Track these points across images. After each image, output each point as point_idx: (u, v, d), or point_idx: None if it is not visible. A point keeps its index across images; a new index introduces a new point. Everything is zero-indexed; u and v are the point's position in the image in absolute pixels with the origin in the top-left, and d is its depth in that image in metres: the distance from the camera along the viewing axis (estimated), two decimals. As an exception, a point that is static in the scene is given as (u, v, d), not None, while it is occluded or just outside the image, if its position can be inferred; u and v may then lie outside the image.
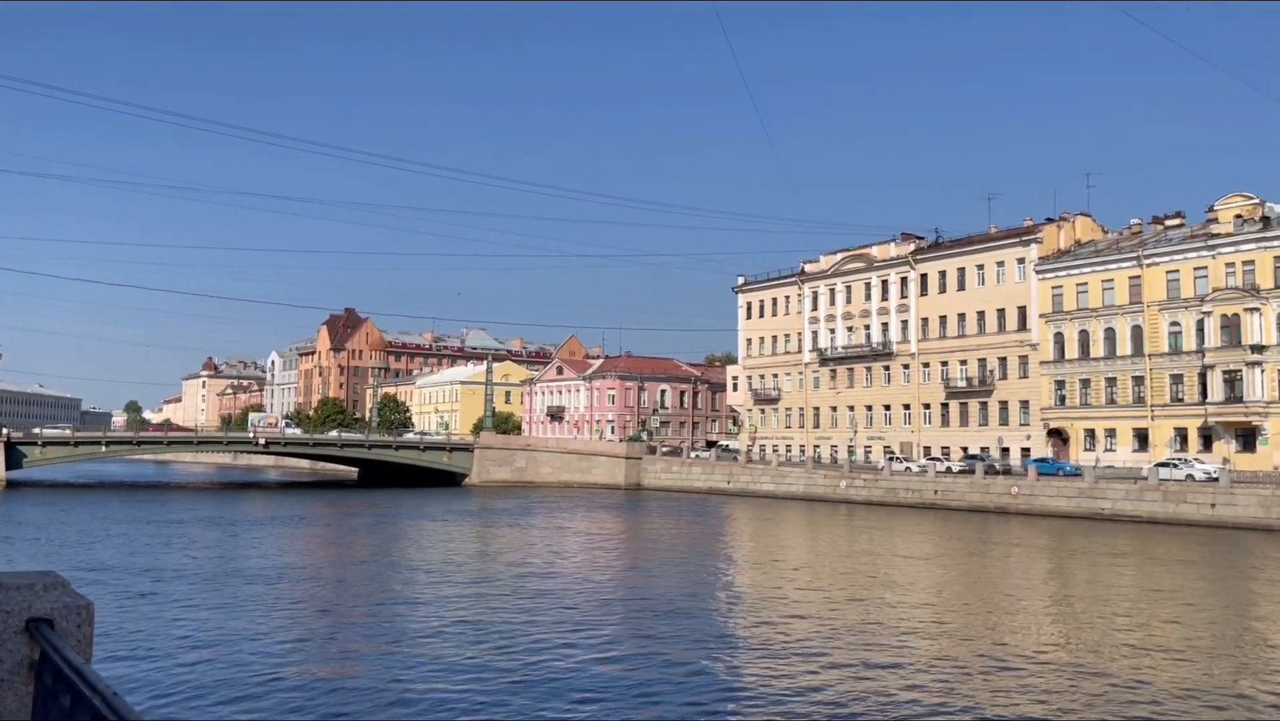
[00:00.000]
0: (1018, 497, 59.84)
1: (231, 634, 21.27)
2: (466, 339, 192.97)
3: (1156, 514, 52.89)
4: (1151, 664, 19.09)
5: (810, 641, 21.07)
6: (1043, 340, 76.94)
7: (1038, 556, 39.79)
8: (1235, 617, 25.18)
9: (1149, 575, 33.49)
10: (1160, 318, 70.07)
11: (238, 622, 22.65)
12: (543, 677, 17.60)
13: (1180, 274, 69.27)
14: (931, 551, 41.16)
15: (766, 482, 77.77)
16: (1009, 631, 22.83)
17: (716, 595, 28.46)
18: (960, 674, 18.11)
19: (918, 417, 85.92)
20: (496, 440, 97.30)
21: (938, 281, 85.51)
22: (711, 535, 49.02)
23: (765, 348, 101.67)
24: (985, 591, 29.99)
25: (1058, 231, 79.30)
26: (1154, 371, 70.08)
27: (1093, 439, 73.33)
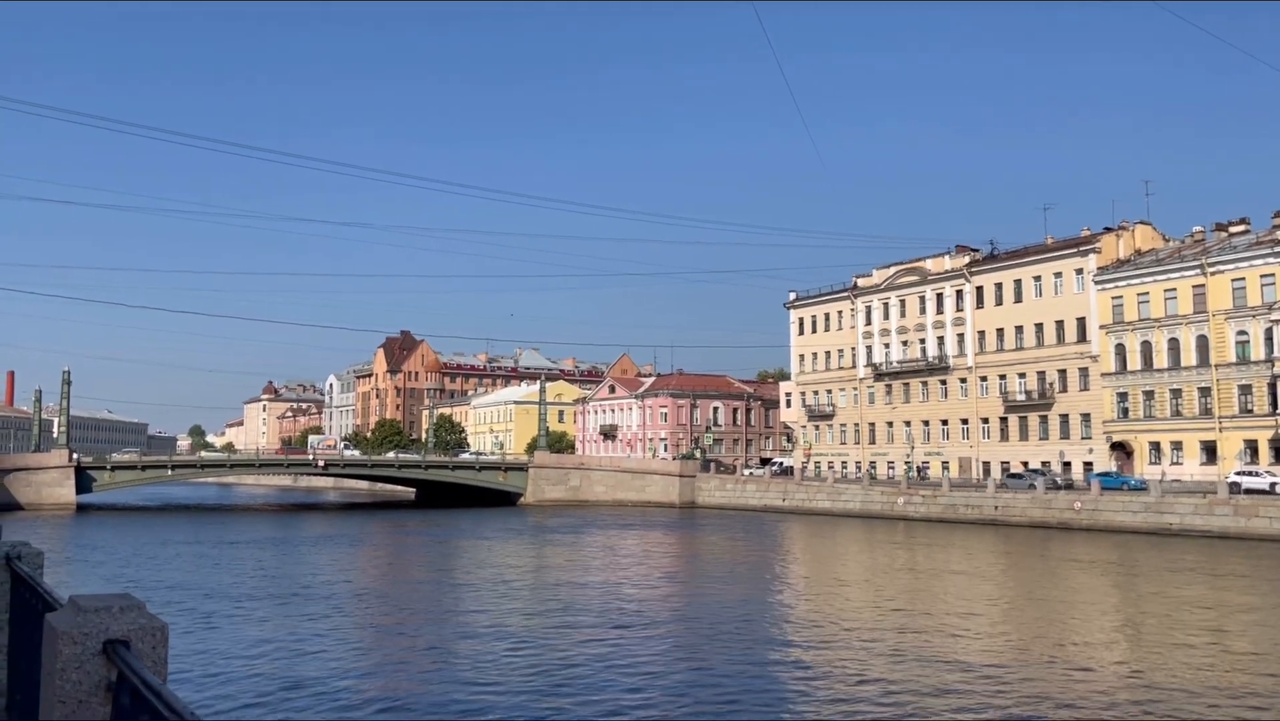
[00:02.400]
0: (1080, 513, 58.62)
1: (297, 652, 21.66)
2: (520, 359, 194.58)
3: (1228, 528, 51.44)
4: (1215, 679, 18.60)
5: (868, 659, 20.87)
6: (1103, 351, 75.46)
7: (1103, 572, 38.92)
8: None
9: (1218, 591, 32.60)
10: (1226, 326, 68.38)
11: (303, 642, 23.05)
12: (594, 696, 17.66)
13: (1246, 281, 67.60)
14: (992, 567, 40.49)
15: (822, 500, 77.10)
16: (1071, 647, 22.38)
17: (772, 614, 28.29)
18: (1024, 692, 17.81)
19: (976, 432, 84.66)
20: (551, 459, 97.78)
21: (994, 294, 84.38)
22: (767, 553, 48.73)
23: (818, 363, 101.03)
24: (1048, 608, 29.43)
25: (1116, 241, 77.89)
26: (1221, 382, 68.35)
27: (1158, 452, 71.64)
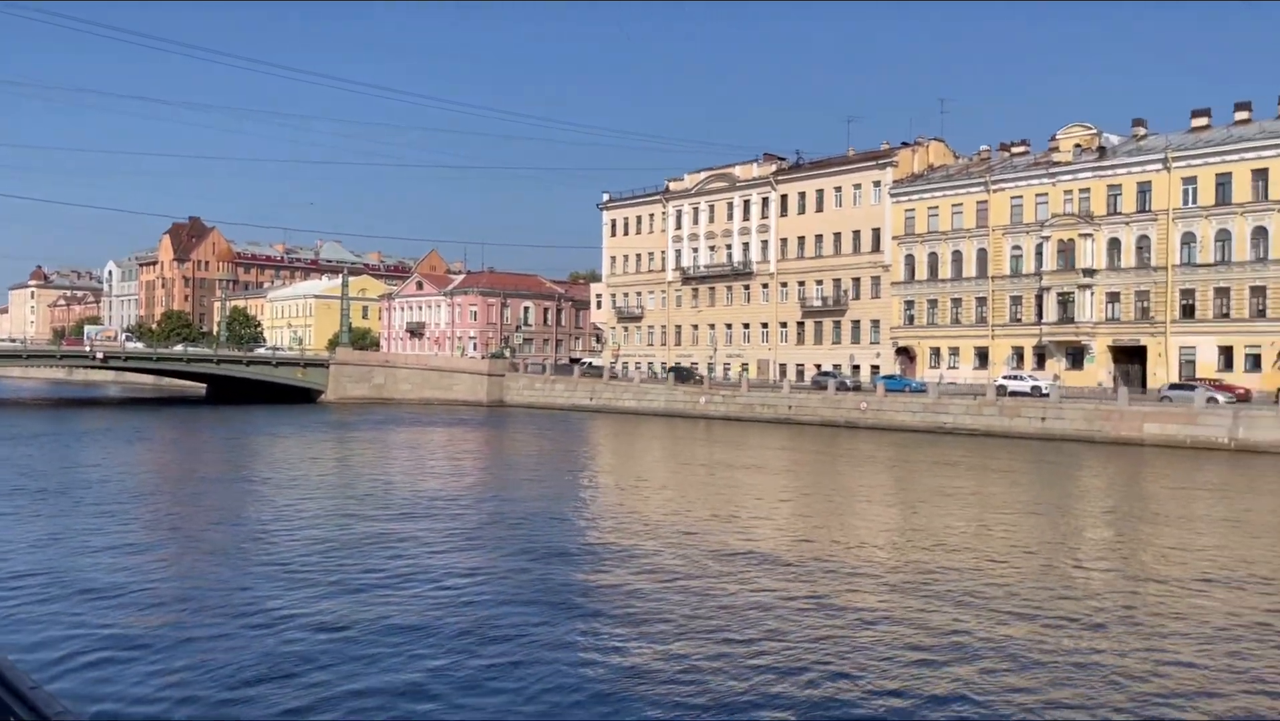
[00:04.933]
0: (866, 413, 62.45)
1: (70, 550, 20.27)
2: (321, 251, 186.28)
3: (994, 427, 56.15)
4: (974, 559, 20.40)
5: (659, 549, 21.59)
6: (895, 261, 79.68)
7: (882, 466, 41.75)
8: (1053, 517, 27.13)
9: (982, 483, 35.63)
10: (1004, 241, 73.46)
11: (77, 539, 21.58)
12: (393, 593, 17.48)
13: (1023, 200, 72.59)
14: (783, 463, 42.65)
15: (629, 399, 78.72)
16: (851, 534, 23.95)
17: (576, 508, 28.78)
18: (802, 573, 18.93)
19: (775, 336, 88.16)
20: (354, 356, 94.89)
21: (797, 202, 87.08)
22: (573, 450, 49.43)
23: (629, 265, 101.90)
24: (831, 499, 31.35)
25: (912, 156, 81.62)
26: (996, 293, 73.69)
27: (937, 356, 76.93)
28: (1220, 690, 12.44)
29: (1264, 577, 19.14)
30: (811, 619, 15.64)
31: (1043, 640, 14.57)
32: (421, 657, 13.39)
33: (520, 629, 14.79)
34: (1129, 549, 22.99)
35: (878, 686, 12.46)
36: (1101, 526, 26.65)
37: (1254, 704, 12.00)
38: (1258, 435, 47.03)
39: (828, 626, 15.23)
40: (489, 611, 15.86)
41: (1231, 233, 62.99)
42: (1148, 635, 14.93)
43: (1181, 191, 65.07)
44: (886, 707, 11.76)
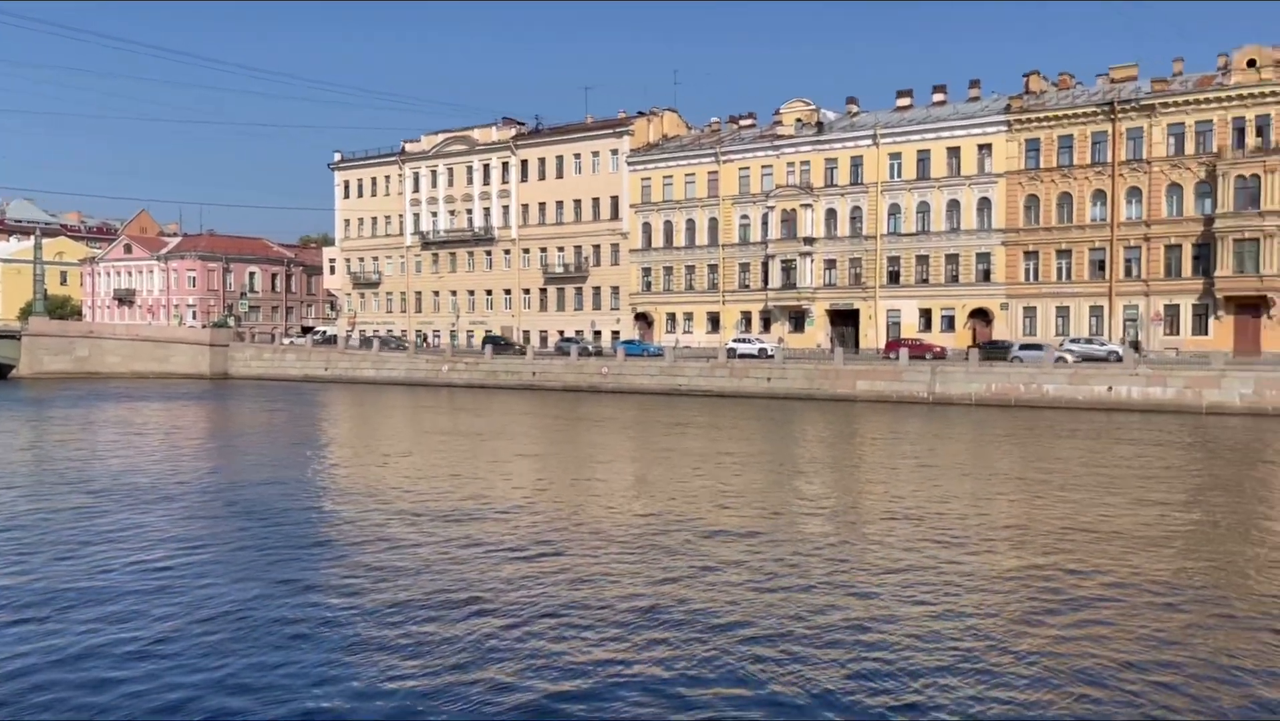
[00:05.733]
0: (608, 377, 63.71)
1: None
2: (8, 210, 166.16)
3: (725, 388, 58.93)
4: (704, 509, 21.29)
5: (389, 518, 20.97)
6: (632, 229, 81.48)
7: (621, 427, 42.73)
8: (774, 468, 28.84)
9: (712, 441, 37.25)
10: (733, 211, 76.90)
11: None
12: (98, 579, 15.87)
13: (750, 171, 76.21)
14: (526, 428, 42.68)
15: (367, 369, 76.10)
16: (583, 494, 24.30)
17: (304, 483, 27.37)
18: (540, 534, 18.99)
19: (518, 302, 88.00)
20: (52, 326, 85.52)
21: (538, 168, 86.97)
22: (305, 422, 47.08)
23: (365, 229, 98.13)
24: (570, 460, 31.70)
25: (648, 125, 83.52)
26: (726, 260, 77.11)
27: (673, 322, 79.68)
28: (894, 613, 13.60)
29: (939, 514, 21.17)
30: (549, 578, 15.66)
31: (760, 580, 15.35)
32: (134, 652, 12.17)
33: (241, 606, 13.81)
34: (841, 492, 24.79)
35: (601, 638, 12.63)
36: (816, 473, 28.58)
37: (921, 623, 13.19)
38: (950, 389, 52.18)
39: (563, 585, 15.30)
40: (202, 592, 14.71)
41: (930, 205, 69.17)
42: (854, 569, 16.11)
43: (888, 166, 70.64)
44: (608, 659, 11.93)
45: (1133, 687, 10.86)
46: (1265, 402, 44.30)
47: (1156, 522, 20.29)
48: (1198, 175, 60.07)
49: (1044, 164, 65.06)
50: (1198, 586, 15.22)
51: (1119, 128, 62.39)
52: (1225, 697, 10.66)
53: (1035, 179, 65.37)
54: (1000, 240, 66.61)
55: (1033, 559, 17.01)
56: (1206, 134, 60.02)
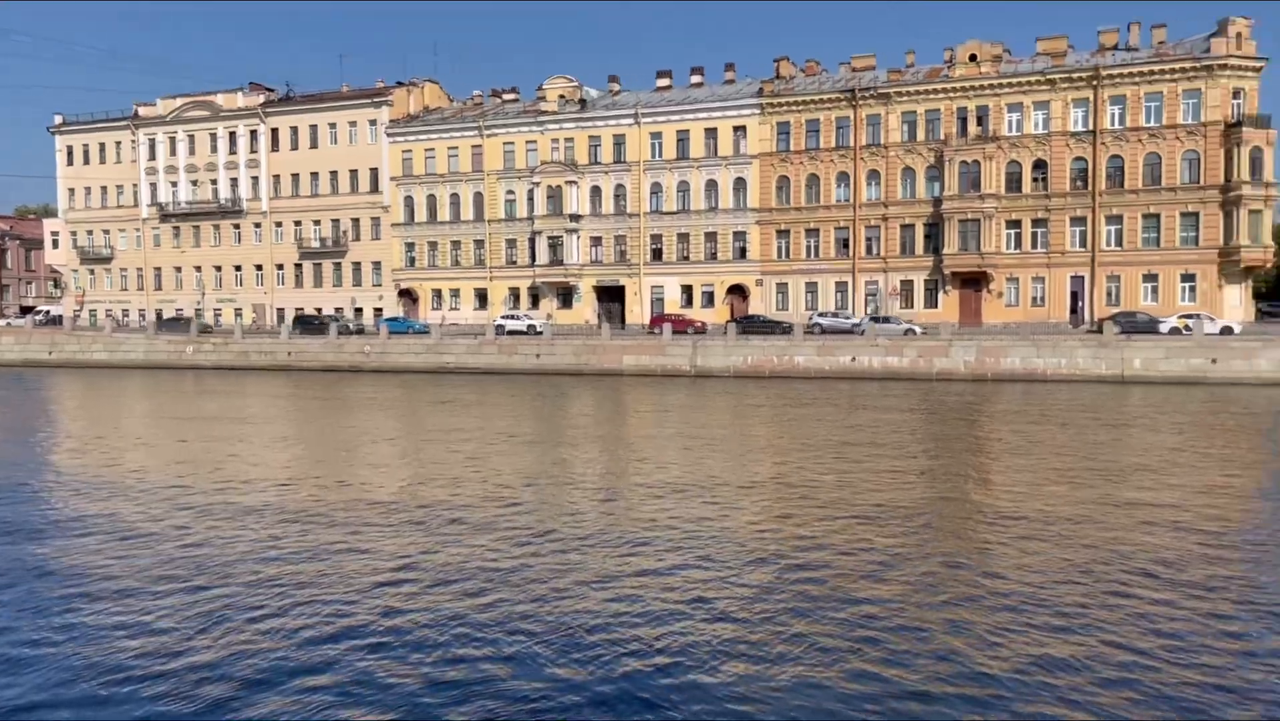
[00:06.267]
0: (370, 356, 61.65)
1: None
2: None
3: (494, 365, 58.45)
4: (467, 489, 21.06)
5: (127, 510, 19.37)
6: (394, 203, 79.01)
7: (385, 408, 41.46)
8: (543, 443, 28.95)
9: (483, 418, 36.88)
10: (498, 186, 76.12)
11: None
12: None
13: (515, 146, 75.64)
14: (280, 411, 40.59)
15: (99, 351, 69.85)
16: (341, 477, 23.41)
17: (22, 478, 24.74)
18: (294, 517, 18.11)
19: (271, 278, 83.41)
20: None
21: (290, 137, 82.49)
22: (23, 412, 42.54)
23: (94, 199, 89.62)
24: (326, 443, 30.42)
25: (408, 96, 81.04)
26: (493, 236, 76.31)
27: (440, 298, 78.12)
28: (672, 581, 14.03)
29: (696, 480, 22.02)
30: (307, 564, 14.95)
31: (525, 556, 15.35)
32: None
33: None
34: (604, 463, 25.19)
35: (363, 621, 12.22)
36: (582, 446, 28.89)
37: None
38: (711, 362, 54.20)
39: (322, 569, 14.65)
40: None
41: (690, 184, 71.28)
42: (625, 540, 16.41)
43: (650, 145, 72.11)
44: (370, 633, 11.57)
45: (852, 630, 11.68)
46: (985, 368, 48.91)
47: (890, 481, 21.93)
48: (928, 160, 65.19)
49: (794, 146, 68.52)
50: (920, 543, 16.59)
51: (860, 114, 66.65)
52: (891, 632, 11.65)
53: (786, 161, 68.74)
54: (755, 219, 69.65)
55: (776, 519, 17.95)
56: (935, 122, 65.19)
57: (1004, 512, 18.48)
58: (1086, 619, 12.15)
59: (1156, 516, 17.90)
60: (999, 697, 9.92)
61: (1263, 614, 12.39)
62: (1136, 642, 11.31)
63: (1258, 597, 13.08)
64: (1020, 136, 63.08)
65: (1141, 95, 60.61)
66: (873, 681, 10.37)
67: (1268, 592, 13.30)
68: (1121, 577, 13.91)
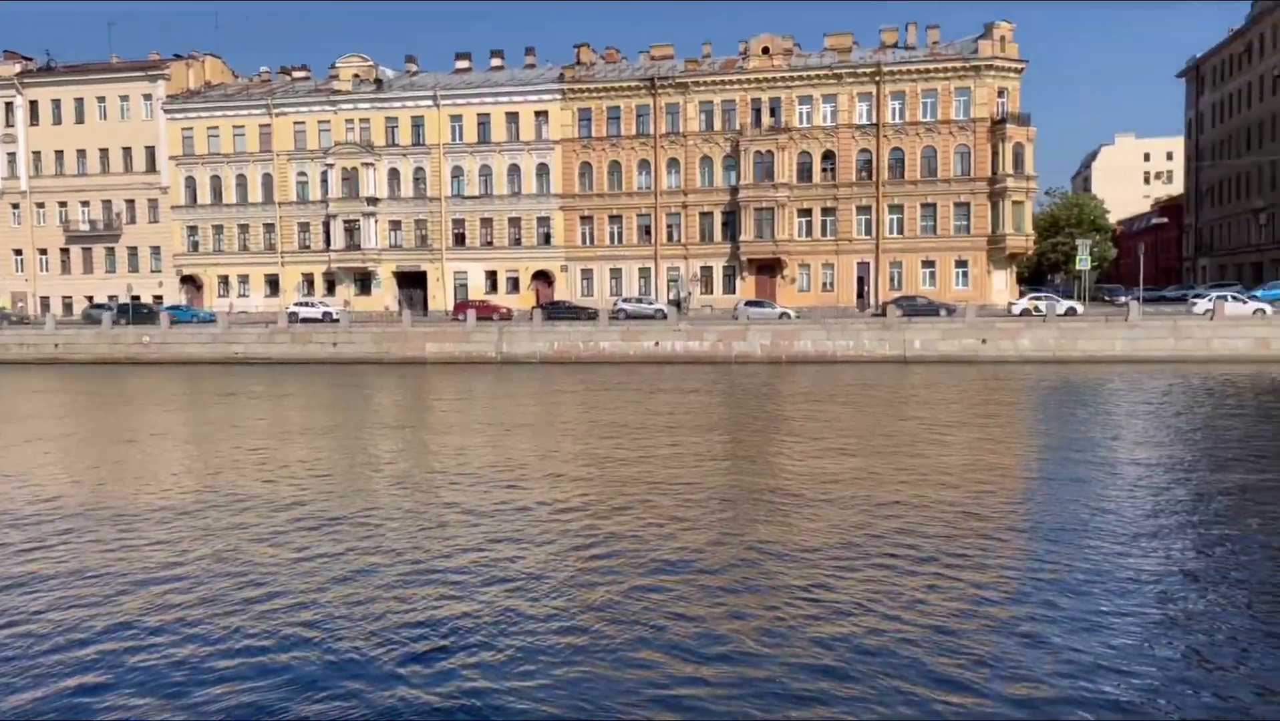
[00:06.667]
0: (150, 346, 57.57)
1: None
2: None
3: (288, 355, 55.78)
4: (257, 478, 19.98)
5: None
6: (174, 184, 74.06)
7: (162, 402, 38.75)
8: (342, 434, 27.85)
9: (277, 409, 35.11)
10: (289, 167, 72.67)
11: None
12: None
13: (307, 126, 72.39)
14: (40, 408, 37.23)
15: None
16: (116, 476, 21.72)
17: None
18: (64, 518, 16.61)
19: (32, 264, 76.45)
20: None
21: (52, 111, 75.75)
22: None
23: None
24: (93, 442, 28.12)
25: (187, 70, 76.09)
26: (284, 219, 72.84)
27: (227, 285, 73.92)
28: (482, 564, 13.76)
29: (502, 467, 21.80)
30: (65, 564, 13.69)
31: (304, 546, 14.67)
32: None
33: None
34: (411, 455, 24.48)
35: (128, 616, 11.31)
36: (382, 437, 28.00)
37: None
38: (517, 348, 53.78)
39: (91, 576, 13.46)
40: None
41: (492, 169, 70.41)
42: (433, 524, 15.95)
43: (450, 128, 70.70)
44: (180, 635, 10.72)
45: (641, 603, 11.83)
46: (780, 351, 50.84)
47: (687, 460, 22.41)
48: (725, 149, 67.04)
49: (595, 133, 68.86)
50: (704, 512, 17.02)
51: (659, 102, 67.71)
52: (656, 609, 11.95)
53: (588, 147, 69.00)
54: (559, 205, 69.60)
55: (576, 501, 17.98)
56: (731, 112, 67.10)
57: (788, 488, 19.20)
58: (859, 595, 12.74)
59: (927, 486, 19.06)
60: (764, 673, 10.22)
61: (1023, 584, 13.37)
62: (901, 614, 11.94)
63: (1016, 568, 14.11)
64: (810, 128, 65.86)
65: (919, 92, 64.52)
66: (643, 668, 10.47)
67: (1025, 562, 14.36)
68: (889, 547, 14.69)
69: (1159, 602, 12.00)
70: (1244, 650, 10.50)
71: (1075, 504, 17.14)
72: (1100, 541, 14.67)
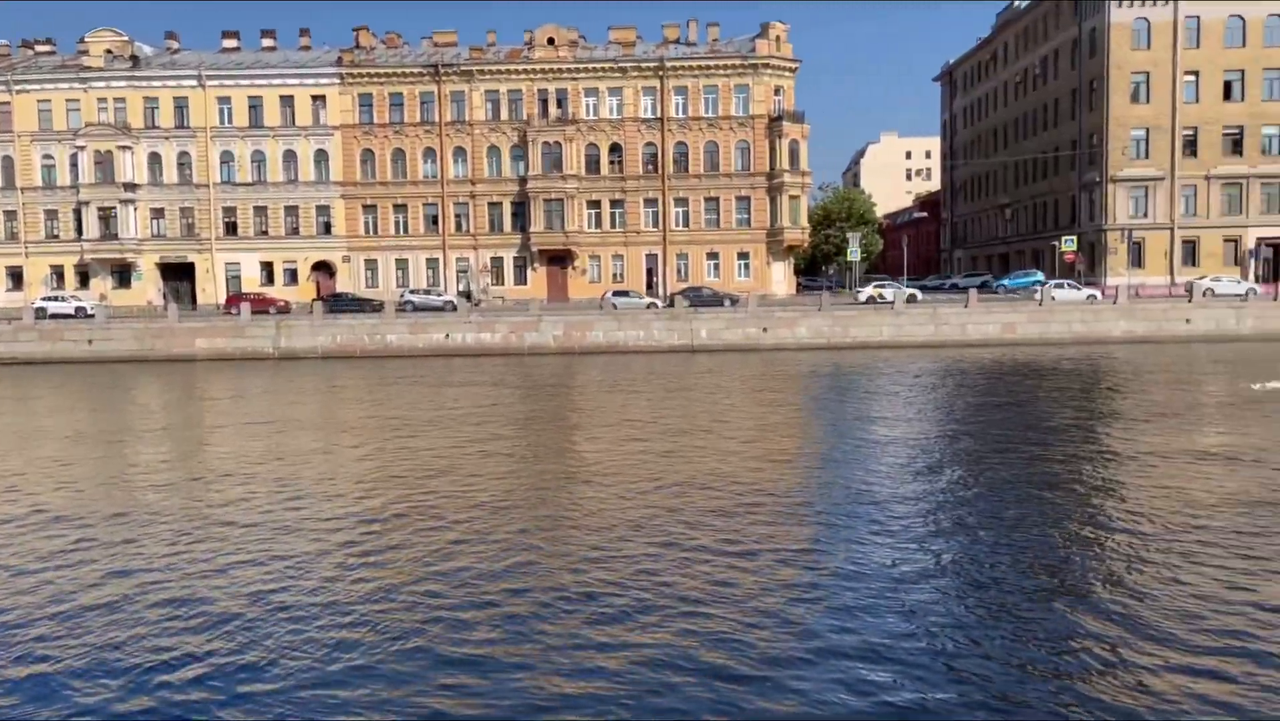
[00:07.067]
0: None
1: None
2: None
3: (35, 354, 50.98)
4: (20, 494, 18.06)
5: None
6: (-109, 165, 65.94)
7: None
8: (99, 440, 25.62)
9: (22, 415, 31.90)
10: (33, 149, 66.35)
11: None
12: None
13: (52, 105, 66.30)
14: None
15: None
16: None
17: None
18: None
19: None
20: None
21: None
22: None
23: None
24: None
25: (-94, 37, 67.82)
26: (28, 206, 66.42)
27: (-41, 279, 66.65)
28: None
29: (279, 467, 20.72)
30: None
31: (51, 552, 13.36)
32: None
33: None
34: (163, 454, 22.79)
35: None
36: (139, 440, 25.96)
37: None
38: (297, 343, 51.33)
39: None
40: None
41: (266, 154, 66.82)
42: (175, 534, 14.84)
43: (218, 111, 66.54)
44: None
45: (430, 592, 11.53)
46: (572, 342, 51.02)
47: (473, 452, 22.04)
48: (512, 139, 66.52)
49: (378, 119, 66.67)
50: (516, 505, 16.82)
51: (444, 90, 66.31)
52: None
53: (370, 134, 66.72)
54: (339, 193, 66.96)
55: (353, 500, 17.30)
56: (518, 102, 66.63)
57: (577, 475, 19.24)
58: (651, 577, 12.88)
59: (709, 468, 19.58)
60: (546, 662, 10.15)
61: (784, 558, 13.91)
62: (690, 592, 12.17)
63: (787, 544, 14.69)
64: (597, 120, 66.38)
65: (700, 87, 66.32)
66: (424, 657, 10.18)
67: (793, 540, 14.97)
68: (675, 532, 14.97)
69: (907, 586, 12.74)
70: (996, 623, 11.30)
71: (842, 483, 18.04)
72: (866, 525, 15.47)
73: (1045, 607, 11.28)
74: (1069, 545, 13.79)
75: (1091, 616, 10.92)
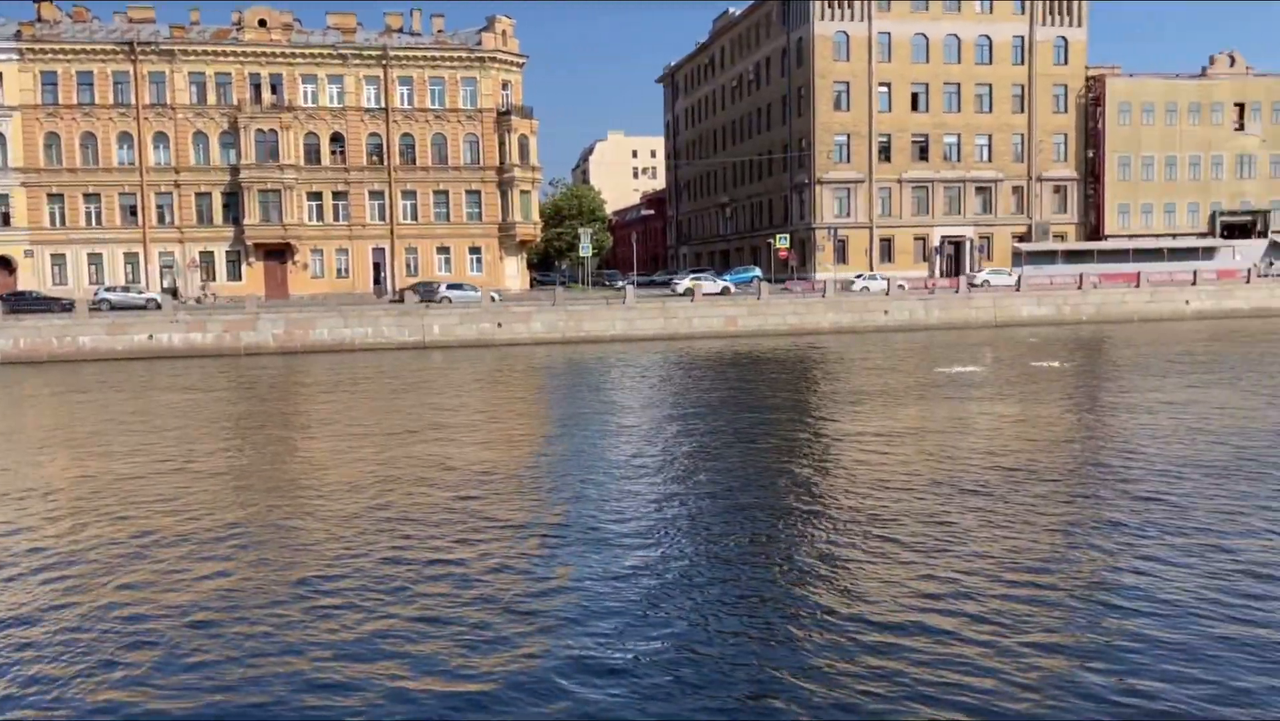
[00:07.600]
0: None
1: None
2: None
3: None
4: None
5: None
6: None
7: None
8: None
9: None
10: None
11: None
12: None
13: None
14: None
15: None
16: None
17: None
18: None
19: None
20: None
21: None
22: None
23: None
24: None
25: None
26: None
27: None
28: None
29: None
30: None
31: None
32: None
33: None
34: None
35: None
36: None
37: None
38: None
39: None
40: None
41: (-76, 134, 58.50)
42: None
43: None
44: None
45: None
46: (295, 341, 48.33)
47: (178, 467, 20.35)
48: (221, 125, 62.12)
49: (64, 100, 60.21)
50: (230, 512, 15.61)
51: (141, 70, 60.87)
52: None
53: (55, 115, 60.16)
54: (20, 181, 59.93)
55: (42, 522, 15.49)
56: (227, 86, 62.28)
57: (305, 483, 18.22)
58: (400, 579, 12.37)
59: (447, 466, 19.15)
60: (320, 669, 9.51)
61: (541, 548, 13.82)
62: (440, 586, 11.79)
63: (524, 537, 14.60)
64: (316, 108, 63.35)
65: (427, 79, 64.87)
66: (196, 671, 9.25)
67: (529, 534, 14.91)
68: (419, 531, 14.49)
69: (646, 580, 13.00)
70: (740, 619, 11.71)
71: (571, 486, 18.17)
72: (608, 524, 15.63)
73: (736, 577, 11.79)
74: (780, 523, 14.55)
75: (800, 605, 11.54)
